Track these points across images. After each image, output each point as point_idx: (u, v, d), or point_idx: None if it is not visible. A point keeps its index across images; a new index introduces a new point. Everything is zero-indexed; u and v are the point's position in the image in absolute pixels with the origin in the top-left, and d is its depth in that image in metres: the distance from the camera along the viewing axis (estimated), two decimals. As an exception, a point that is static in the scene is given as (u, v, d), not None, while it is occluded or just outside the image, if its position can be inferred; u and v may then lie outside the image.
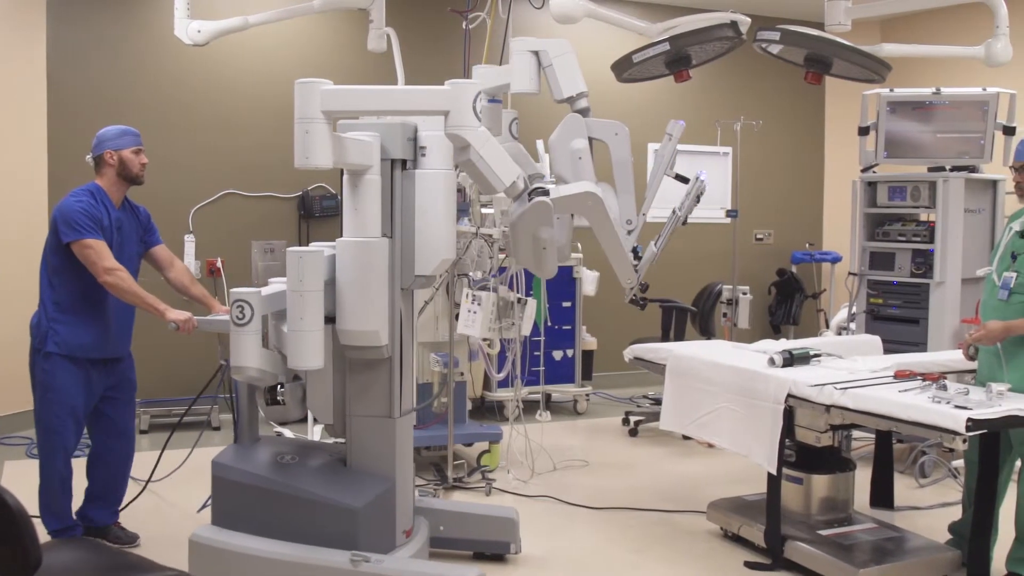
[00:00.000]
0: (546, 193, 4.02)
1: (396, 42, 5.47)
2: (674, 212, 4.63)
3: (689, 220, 4.61)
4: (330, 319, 4.00)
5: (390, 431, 4.20)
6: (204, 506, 5.11)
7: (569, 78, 4.31)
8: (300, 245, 8.04)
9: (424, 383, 6.25)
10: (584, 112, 4.32)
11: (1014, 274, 4.35)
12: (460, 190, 5.77)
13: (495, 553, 4.75)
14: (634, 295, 4.59)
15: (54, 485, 4.66)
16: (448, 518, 4.71)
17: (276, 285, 4.21)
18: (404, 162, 4.13)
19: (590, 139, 4.30)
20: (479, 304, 5.46)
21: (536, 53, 4.33)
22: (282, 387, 4.23)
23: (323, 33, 8.13)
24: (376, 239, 4.03)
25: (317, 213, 8.10)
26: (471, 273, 5.99)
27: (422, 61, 7.89)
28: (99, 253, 4.43)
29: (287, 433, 6.69)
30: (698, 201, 4.59)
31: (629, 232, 4.43)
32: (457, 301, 5.87)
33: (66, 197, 4.56)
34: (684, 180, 4.50)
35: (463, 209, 6.00)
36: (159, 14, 7.47)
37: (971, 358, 4.55)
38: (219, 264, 7.76)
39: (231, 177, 7.87)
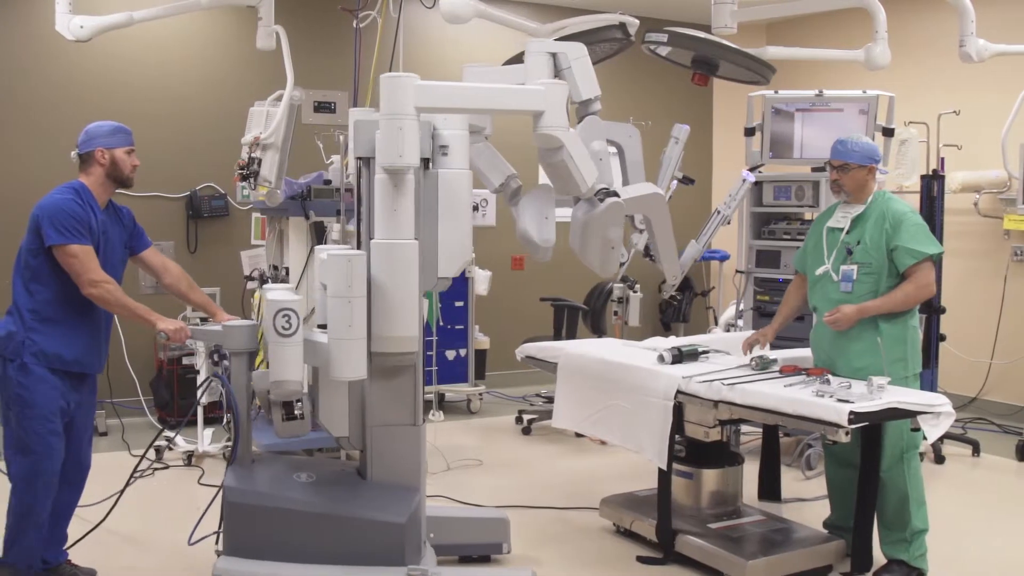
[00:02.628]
0: (616, 194, 4.11)
1: (285, 40, 5.41)
2: (718, 212, 4.74)
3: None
4: None
5: (415, 439, 4.11)
6: (199, 538, 4.24)
7: (587, 81, 4.28)
8: (189, 246, 7.94)
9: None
10: (596, 115, 4.33)
11: (854, 266, 4.59)
12: (350, 189, 5.74)
13: (484, 555, 4.71)
14: (674, 291, 4.75)
15: (38, 517, 4.10)
16: (438, 524, 4.59)
17: (280, 292, 4.05)
18: (425, 161, 4.03)
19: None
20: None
21: (554, 55, 4.26)
22: (299, 401, 4.02)
23: (211, 30, 8.00)
24: (411, 241, 3.89)
25: (206, 213, 7.96)
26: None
27: (312, 59, 7.82)
28: (84, 264, 4.03)
29: (180, 442, 6.57)
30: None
31: (641, 231, 4.56)
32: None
33: (50, 195, 4.14)
34: (690, 181, 4.58)
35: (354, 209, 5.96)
36: (40, 8, 7.27)
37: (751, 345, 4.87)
38: (104, 266, 7.58)
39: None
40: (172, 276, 4.51)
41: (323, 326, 3.90)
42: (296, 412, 4.01)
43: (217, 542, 4.09)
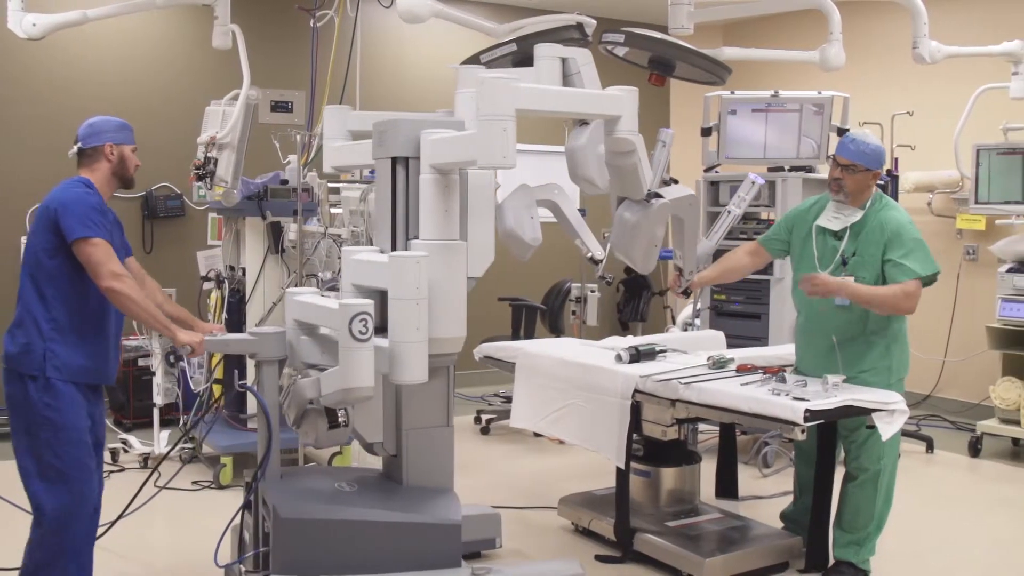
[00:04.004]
0: (661, 196, 4.34)
1: (241, 39, 5.38)
2: (728, 211, 4.79)
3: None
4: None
5: (448, 440, 4.13)
6: (235, 561, 4.12)
7: (593, 86, 4.31)
8: (145, 247, 7.87)
9: (274, 385, 6.16)
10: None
11: (850, 278, 4.45)
12: (307, 189, 5.73)
13: (475, 551, 4.71)
14: (688, 286, 4.88)
15: (82, 556, 3.79)
16: None
17: (309, 296, 3.97)
18: None
19: None
20: (329, 304, 5.41)
21: (564, 60, 4.27)
22: (342, 409, 3.86)
23: (166, 29, 7.94)
24: (461, 241, 3.87)
25: (161, 213, 7.91)
26: (320, 273, 5.93)
27: (269, 59, 7.78)
28: (107, 254, 3.71)
29: (136, 444, 6.52)
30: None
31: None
32: (307, 302, 5.80)
33: (64, 189, 3.88)
34: (674, 182, 4.64)
35: (311, 209, 5.95)
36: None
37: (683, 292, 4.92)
38: (58, 266, 7.48)
39: (70, 176, 7.58)
40: (150, 287, 4.19)
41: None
42: (340, 420, 3.86)
43: (241, 560, 3.99)
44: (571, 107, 3.99)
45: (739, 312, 6.93)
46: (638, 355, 4.86)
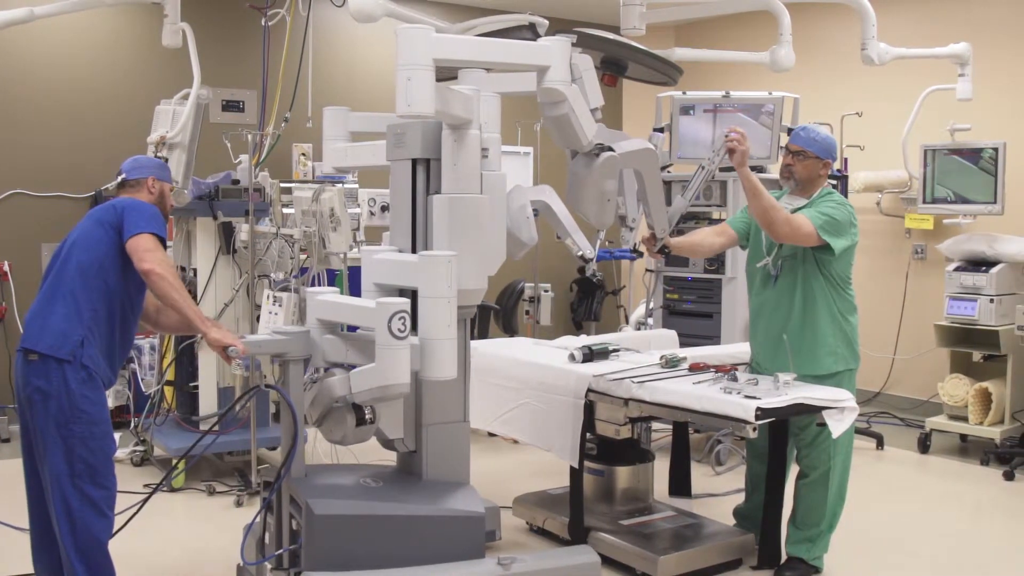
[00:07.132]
0: (611, 149, 4.36)
1: (192, 38, 5.34)
2: (702, 167, 4.76)
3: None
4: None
5: (465, 435, 4.16)
6: (263, 559, 4.06)
7: (594, 91, 4.32)
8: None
9: (225, 387, 6.12)
10: (601, 122, 4.41)
11: (780, 260, 4.57)
12: (259, 189, 5.71)
13: None
14: (664, 245, 4.83)
15: (108, 559, 3.83)
16: None
17: (331, 295, 3.94)
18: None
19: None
20: (280, 305, 5.39)
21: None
22: (369, 406, 3.83)
23: (115, 27, 7.84)
24: (478, 195, 3.91)
25: (111, 214, 7.82)
26: (272, 274, 5.90)
27: (220, 58, 7.72)
28: (160, 247, 3.79)
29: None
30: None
31: (630, 230, 4.85)
32: (258, 303, 5.77)
33: (125, 199, 3.98)
34: (609, 149, 4.67)
35: (262, 209, 5.92)
36: (-64, 5, 7.09)
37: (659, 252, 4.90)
38: (6, 268, 7.40)
39: (18, 176, 7.50)
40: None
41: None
42: (367, 417, 3.83)
43: (267, 559, 3.96)
44: (496, 57, 3.92)
45: (692, 311, 6.98)
46: (591, 354, 4.87)
